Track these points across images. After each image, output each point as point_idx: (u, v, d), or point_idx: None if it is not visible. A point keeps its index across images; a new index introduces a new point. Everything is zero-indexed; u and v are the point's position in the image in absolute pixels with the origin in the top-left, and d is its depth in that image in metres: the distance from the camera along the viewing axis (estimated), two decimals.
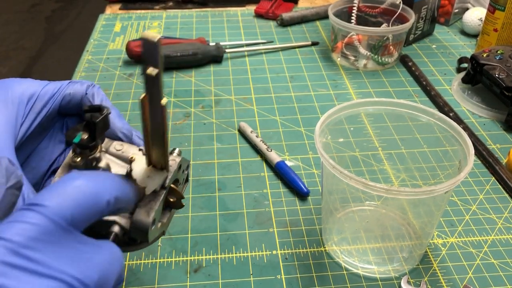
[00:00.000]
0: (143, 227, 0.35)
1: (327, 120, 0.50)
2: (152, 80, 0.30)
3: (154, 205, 0.35)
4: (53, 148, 0.42)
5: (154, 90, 0.31)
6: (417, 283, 0.49)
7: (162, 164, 0.35)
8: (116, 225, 0.35)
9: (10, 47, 2.75)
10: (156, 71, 0.29)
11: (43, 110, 0.38)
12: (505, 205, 0.59)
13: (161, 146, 0.34)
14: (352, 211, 0.56)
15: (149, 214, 0.35)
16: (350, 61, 0.87)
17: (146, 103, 0.31)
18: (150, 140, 0.34)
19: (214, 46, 0.88)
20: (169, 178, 0.36)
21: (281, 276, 0.50)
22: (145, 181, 0.35)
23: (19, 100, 0.37)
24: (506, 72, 0.71)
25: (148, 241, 0.36)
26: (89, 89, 0.40)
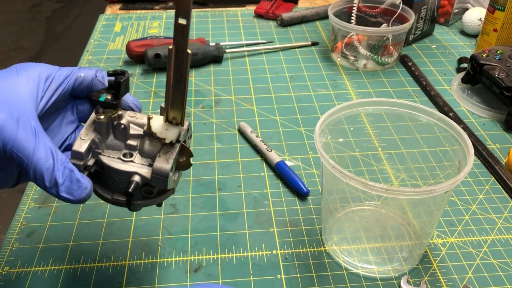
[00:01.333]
0: (163, 173, 0.38)
1: (327, 120, 0.50)
2: (181, 30, 0.34)
3: (172, 154, 0.39)
4: (65, 127, 0.45)
5: (182, 40, 0.35)
6: (417, 283, 0.49)
7: (178, 120, 0.39)
8: (137, 174, 0.39)
9: (11, 47, 2.76)
10: (185, 21, 0.34)
11: (59, 89, 0.42)
12: (505, 205, 0.59)
13: (180, 99, 0.38)
14: (352, 211, 0.56)
15: (168, 161, 0.39)
16: (350, 61, 0.87)
17: (173, 53, 0.35)
18: (172, 93, 0.37)
19: (214, 46, 0.88)
20: (182, 133, 0.40)
21: (281, 276, 0.50)
22: (164, 133, 0.39)
23: (38, 78, 0.40)
24: (505, 72, 0.71)
25: (167, 187, 0.39)
26: (98, 73, 0.44)
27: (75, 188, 0.37)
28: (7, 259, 0.52)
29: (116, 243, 0.54)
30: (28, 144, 0.36)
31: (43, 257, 0.52)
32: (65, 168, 0.37)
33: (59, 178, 0.37)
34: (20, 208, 0.58)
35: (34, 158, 0.36)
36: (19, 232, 0.55)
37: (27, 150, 0.36)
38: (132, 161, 0.40)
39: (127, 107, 0.44)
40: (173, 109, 0.39)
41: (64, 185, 0.37)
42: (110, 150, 0.41)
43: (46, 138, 0.38)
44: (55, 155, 0.37)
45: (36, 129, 0.37)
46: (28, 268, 0.51)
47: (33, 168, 0.36)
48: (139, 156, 0.40)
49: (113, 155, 0.40)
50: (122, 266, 0.51)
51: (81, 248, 0.53)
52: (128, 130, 0.41)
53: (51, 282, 0.50)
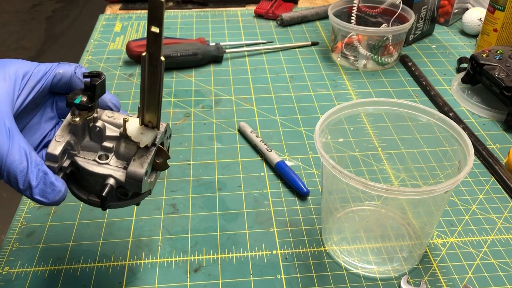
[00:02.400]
0: (137, 177, 0.39)
1: (327, 120, 0.50)
2: (154, 37, 0.34)
3: (147, 158, 0.39)
4: (45, 124, 0.45)
5: (155, 47, 0.35)
6: (417, 283, 0.49)
7: (153, 123, 0.39)
8: (111, 177, 0.39)
9: (11, 47, 2.76)
10: (158, 29, 0.34)
11: (36, 86, 0.41)
12: (505, 205, 0.59)
13: (155, 104, 0.38)
14: (352, 211, 0.56)
15: (142, 165, 0.39)
16: (350, 61, 0.87)
17: (146, 60, 0.36)
18: (146, 98, 0.38)
19: (214, 46, 0.88)
20: (159, 136, 0.40)
21: (281, 276, 0.50)
22: (139, 136, 0.39)
23: (15, 76, 0.40)
24: (505, 72, 0.71)
25: (141, 191, 0.39)
26: (77, 69, 0.43)
27: (49, 191, 0.37)
28: (7, 259, 0.52)
29: (116, 243, 0.54)
30: (1, 145, 0.36)
31: (43, 257, 0.52)
32: (39, 171, 0.37)
33: (32, 180, 0.36)
34: (20, 208, 0.58)
35: (7, 160, 0.36)
36: (19, 232, 0.55)
37: (0, 152, 0.36)
38: (107, 163, 0.40)
39: (105, 106, 0.43)
40: (148, 112, 0.39)
41: (38, 188, 0.37)
42: (86, 151, 0.41)
43: (21, 139, 0.37)
44: (29, 157, 0.37)
45: (10, 129, 0.37)
46: (28, 268, 0.51)
47: (6, 171, 0.36)
48: (115, 158, 0.40)
49: (89, 156, 0.40)
50: (122, 266, 0.51)
51: (81, 248, 0.53)
52: (104, 132, 0.40)
53: (51, 282, 0.50)
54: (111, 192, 0.39)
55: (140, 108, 0.39)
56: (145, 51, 0.35)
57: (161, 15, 0.33)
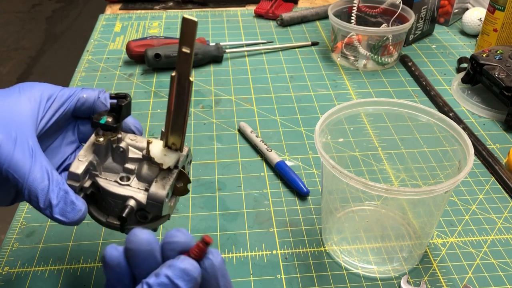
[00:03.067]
0: (159, 198, 0.38)
1: (327, 120, 0.50)
2: (185, 58, 0.34)
3: (169, 180, 0.39)
4: (65, 147, 0.45)
5: (185, 67, 0.35)
6: (417, 283, 0.49)
7: (177, 145, 0.39)
8: (132, 199, 0.39)
9: (11, 47, 2.76)
10: (189, 49, 0.34)
11: (60, 109, 0.42)
12: (505, 205, 0.59)
13: (181, 126, 0.38)
14: (352, 211, 0.56)
15: (164, 187, 0.38)
16: (350, 61, 0.87)
17: (175, 80, 0.36)
18: (172, 119, 0.37)
19: (214, 46, 0.88)
20: (181, 159, 0.40)
21: (281, 276, 0.50)
22: (162, 158, 0.39)
23: (40, 98, 0.41)
24: (505, 72, 0.71)
25: (162, 214, 0.39)
26: (100, 94, 0.44)
27: (69, 210, 0.37)
28: (7, 259, 0.52)
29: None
30: (24, 164, 0.36)
31: (43, 257, 0.52)
32: (60, 190, 0.37)
33: (53, 199, 0.36)
34: (20, 208, 0.58)
35: (29, 179, 0.36)
36: (19, 232, 0.55)
37: (22, 171, 0.36)
38: (128, 185, 0.40)
39: (128, 129, 0.44)
40: (173, 134, 0.38)
41: (58, 207, 0.37)
42: (108, 172, 0.41)
43: (43, 159, 0.37)
44: (51, 176, 0.37)
45: (33, 149, 0.37)
46: (28, 268, 0.51)
47: (27, 189, 0.36)
48: (136, 180, 0.40)
49: (110, 177, 0.40)
50: None
51: (81, 248, 0.53)
52: (127, 154, 0.41)
53: (51, 282, 0.50)
54: (131, 214, 0.39)
55: (164, 130, 0.39)
56: (175, 71, 0.35)
57: (193, 36, 0.33)
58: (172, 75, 0.35)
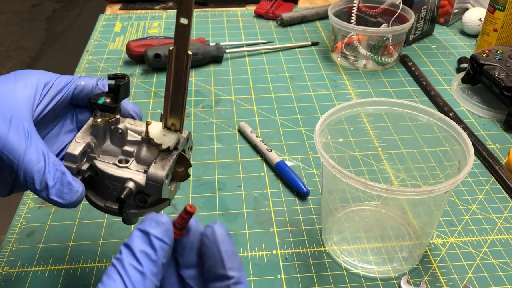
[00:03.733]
0: (158, 179, 0.37)
1: (327, 120, 0.50)
2: (182, 30, 0.33)
3: (168, 161, 0.38)
4: (63, 136, 0.44)
5: (183, 40, 0.34)
6: (417, 283, 0.49)
7: (176, 126, 0.38)
8: (131, 181, 0.38)
9: (11, 47, 2.76)
10: (187, 20, 0.33)
11: (57, 95, 0.41)
12: (505, 205, 0.59)
13: (180, 105, 0.36)
14: (352, 211, 0.56)
15: (164, 167, 0.37)
16: (350, 61, 0.87)
17: (173, 54, 0.34)
18: (171, 98, 0.37)
19: (214, 46, 0.88)
20: (181, 141, 0.39)
21: (281, 276, 0.50)
22: (161, 138, 0.38)
23: (36, 84, 0.40)
24: (505, 72, 0.71)
25: (162, 196, 0.38)
26: (99, 81, 0.43)
27: (66, 191, 0.36)
28: (7, 259, 0.52)
29: (116, 243, 0.54)
30: (19, 145, 0.36)
31: (43, 257, 0.52)
32: (57, 171, 0.36)
33: (49, 180, 0.36)
34: (20, 208, 0.58)
35: (24, 160, 0.35)
36: (19, 232, 0.55)
37: (17, 152, 0.35)
38: (127, 167, 0.39)
39: (127, 114, 0.43)
40: (172, 115, 0.38)
41: (55, 188, 0.36)
42: (106, 155, 0.40)
43: (39, 141, 0.37)
44: (47, 157, 0.36)
45: (29, 131, 0.37)
46: (28, 268, 0.51)
47: (23, 170, 0.36)
48: (135, 163, 0.39)
49: (109, 160, 0.39)
50: None
51: (81, 248, 0.53)
52: (126, 136, 0.40)
53: (51, 282, 0.50)
54: (130, 196, 0.38)
55: (163, 110, 0.38)
56: (173, 45, 0.34)
57: (191, 5, 0.32)
58: (170, 49, 0.34)
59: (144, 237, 0.30)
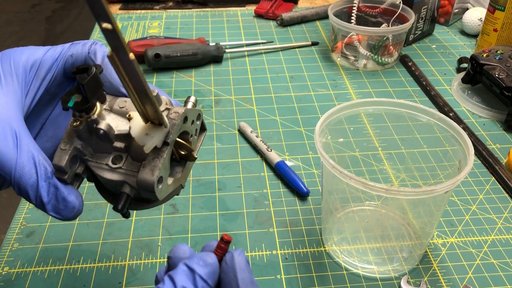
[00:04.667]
0: (148, 185, 0.34)
1: (327, 120, 0.50)
2: (111, 34, 0.29)
3: (158, 162, 0.34)
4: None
5: (118, 44, 0.29)
6: (417, 283, 0.49)
7: (158, 119, 0.34)
8: (127, 185, 0.35)
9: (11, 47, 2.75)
10: (110, 25, 0.28)
11: (48, 75, 0.38)
12: (505, 205, 0.59)
13: (148, 102, 0.32)
14: (352, 211, 0.56)
15: (153, 172, 0.34)
16: (350, 61, 0.87)
17: (115, 59, 0.30)
18: (138, 99, 0.32)
19: (214, 46, 0.88)
20: (171, 133, 0.35)
21: (281, 276, 0.50)
22: (143, 139, 0.34)
23: (22, 69, 0.36)
24: (506, 72, 0.71)
25: (159, 199, 0.36)
26: (91, 48, 0.38)
27: (62, 207, 0.35)
28: (7, 259, 0.52)
29: (116, 243, 0.54)
30: (8, 157, 0.33)
31: (43, 257, 0.52)
32: (50, 185, 0.34)
33: (44, 197, 0.34)
34: (20, 208, 0.58)
35: (16, 175, 0.33)
36: (19, 232, 0.55)
37: (8, 166, 0.33)
38: (120, 167, 0.36)
39: (117, 92, 0.38)
40: (148, 111, 0.33)
41: (51, 204, 0.34)
42: (99, 153, 0.37)
43: (30, 145, 0.34)
44: (39, 168, 0.34)
45: (18, 134, 0.34)
46: (28, 268, 0.51)
47: (17, 185, 0.34)
48: (130, 159, 0.36)
49: (102, 160, 0.36)
50: (122, 266, 0.51)
51: (81, 248, 0.53)
52: (112, 132, 0.36)
53: (51, 282, 0.50)
54: (127, 202, 0.35)
55: (136, 108, 0.34)
56: (110, 51, 0.30)
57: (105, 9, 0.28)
58: (109, 55, 0.30)
59: (190, 274, 0.30)
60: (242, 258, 0.32)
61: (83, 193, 0.60)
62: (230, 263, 0.32)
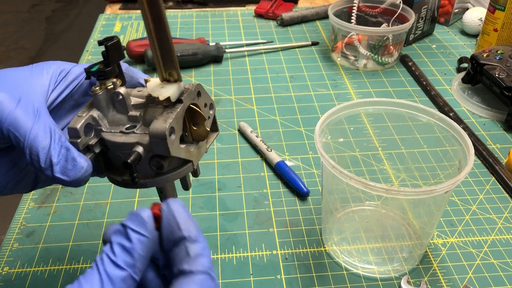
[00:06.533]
0: (160, 133, 0.34)
1: (327, 120, 0.50)
2: None
3: (171, 114, 0.35)
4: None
5: None
6: (417, 283, 0.49)
7: (174, 76, 0.36)
8: (139, 145, 0.36)
9: (11, 47, 2.76)
10: None
11: (74, 81, 0.41)
12: (505, 205, 0.59)
13: (169, 51, 0.34)
14: (352, 211, 0.56)
15: (166, 120, 0.35)
16: (350, 61, 0.87)
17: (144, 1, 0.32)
18: (157, 46, 0.34)
19: (214, 46, 0.88)
20: (185, 93, 0.36)
21: (281, 276, 0.50)
22: (158, 90, 0.35)
23: (52, 71, 0.40)
24: (506, 72, 0.71)
25: (170, 153, 0.35)
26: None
27: (70, 167, 0.36)
28: (7, 259, 0.52)
29: None
30: (25, 122, 0.35)
31: (43, 257, 0.52)
32: (62, 147, 0.35)
33: (54, 157, 0.35)
34: (20, 208, 0.58)
35: (30, 137, 0.35)
36: (19, 232, 0.55)
37: (23, 129, 0.35)
38: (133, 132, 0.37)
39: (136, 83, 0.41)
40: (165, 64, 0.35)
41: (59, 165, 0.35)
42: (114, 125, 0.38)
43: (48, 119, 0.36)
44: (53, 134, 0.36)
45: (39, 109, 0.36)
46: (28, 268, 0.51)
47: (29, 148, 0.35)
48: (143, 126, 0.37)
49: (116, 130, 0.38)
50: None
51: (81, 248, 0.53)
52: (128, 100, 0.38)
53: (51, 282, 0.50)
54: (138, 160, 0.35)
55: (155, 61, 0.35)
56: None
57: None
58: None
59: (122, 230, 0.31)
60: (178, 202, 0.32)
61: (83, 193, 0.60)
62: (167, 209, 0.32)
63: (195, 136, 0.38)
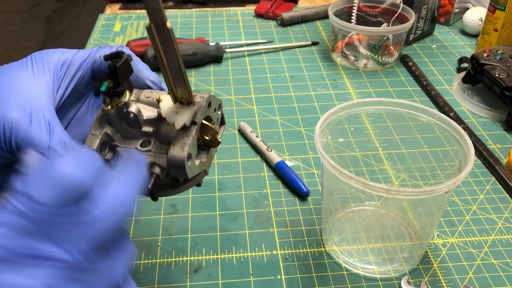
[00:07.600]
0: (179, 161, 0.35)
1: (327, 120, 0.50)
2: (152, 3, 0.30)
3: (187, 140, 0.36)
4: (93, 113, 0.43)
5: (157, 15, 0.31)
6: (417, 283, 0.49)
7: (187, 98, 0.36)
8: (155, 165, 0.36)
9: (10, 47, 2.75)
10: None
11: (77, 74, 0.40)
12: (505, 205, 0.59)
13: (180, 77, 0.34)
14: (352, 211, 0.56)
15: (183, 148, 0.35)
16: (350, 61, 0.87)
17: (153, 30, 0.31)
18: (170, 73, 0.34)
19: (214, 46, 0.88)
20: (198, 112, 0.37)
21: (281, 276, 0.50)
22: (173, 117, 0.36)
23: (54, 66, 0.39)
24: (506, 72, 0.71)
25: (188, 176, 0.36)
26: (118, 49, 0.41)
27: None
28: None
29: None
30: (41, 141, 0.35)
31: None
32: None
33: None
34: None
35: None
36: None
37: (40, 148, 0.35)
38: (149, 150, 0.37)
39: (143, 85, 0.41)
40: (178, 88, 0.35)
41: None
42: (128, 139, 0.38)
43: (62, 132, 0.36)
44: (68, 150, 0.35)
45: (50, 123, 0.36)
46: None
47: None
48: (158, 143, 0.37)
49: (130, 145, 0.37)
50: None
51: None
52: (141, 116, 0.37)
53: None
54: (157, 182, 0.36)
55: (167, 86, 0.35)
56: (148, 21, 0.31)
57: None
58: (147, 26, 0.31)
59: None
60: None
61: None
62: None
63: (208, 144, 0.39)
